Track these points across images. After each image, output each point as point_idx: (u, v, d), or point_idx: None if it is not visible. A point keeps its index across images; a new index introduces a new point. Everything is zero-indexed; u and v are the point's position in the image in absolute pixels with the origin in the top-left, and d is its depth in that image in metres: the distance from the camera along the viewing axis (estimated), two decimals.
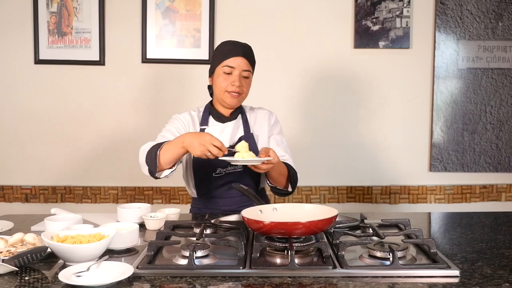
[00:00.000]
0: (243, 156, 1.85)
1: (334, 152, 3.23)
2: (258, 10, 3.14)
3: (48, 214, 1.93)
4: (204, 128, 2.20)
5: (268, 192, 2.40)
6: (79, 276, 1.30)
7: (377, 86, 3.22)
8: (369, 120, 3.23)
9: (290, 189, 2.18)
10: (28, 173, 3.19)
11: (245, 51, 2.16)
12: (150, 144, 2.05)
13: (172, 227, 1.86)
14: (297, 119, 3.20)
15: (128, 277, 1.31)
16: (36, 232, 1.66)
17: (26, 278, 1.35)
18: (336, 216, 1.57)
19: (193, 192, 2.29)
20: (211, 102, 2.28)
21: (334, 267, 1.39)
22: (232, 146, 1.99)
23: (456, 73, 3.21)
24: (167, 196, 3.21)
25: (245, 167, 2.11)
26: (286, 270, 1.37)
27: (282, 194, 2.19)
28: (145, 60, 3.14)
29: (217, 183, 2.18)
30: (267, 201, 2.31)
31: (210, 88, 2.27)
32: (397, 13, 3.15)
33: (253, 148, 2.17)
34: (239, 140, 2.17)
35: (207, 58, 3.11)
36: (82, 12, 3.10)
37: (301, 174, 3.19)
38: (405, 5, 3.14)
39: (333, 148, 3.23)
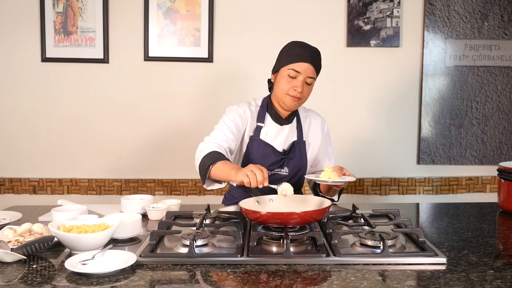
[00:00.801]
0: (330, 176, 1.82)
1: None
2: (255, 11, 3.13)
3: (55, 205, 1.93)
4: (261, 126, 2.11)
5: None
6: (84, 264, 1.30)
7: (368, 83, 3.21)
8: (361, 115, 3.23)
9: (336, 198, 2.16)
10: (36, 166, 3.19)
11: (313, 57, 2.02)
12: (208, 147, 1.94)
13: (173, 217, 1.86)
14: None
15: (131, 265, 1.31)
16: (43, 222, 1.66)
17: (34, 266, 1.35)
18: (329, 206, 1.58)
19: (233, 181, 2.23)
20: (269, 97, 2.18)
21: (327, 255, 1.39)
22: (294, 163, 2.04)
23: (443, 71, 3.21)
24: (169, 188, 3.21)
25: (290, 173, 2.09)
26: (282, 258, 1.37)
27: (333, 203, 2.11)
28: (147, 58, 3.13)
29: None
30: None
31: (270, 82, 2.17)
32: (388, 13, 3.14)
33: (303, 154, 2.14)
34: (292, 144, 2.11)
35: (206, 56, 3.10)
36: (87, 12, 3.09)
37: None
38: (395, 5, 3.13)
39: None
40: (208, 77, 3.15)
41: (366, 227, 1.62)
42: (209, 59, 3.12)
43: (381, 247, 1.41)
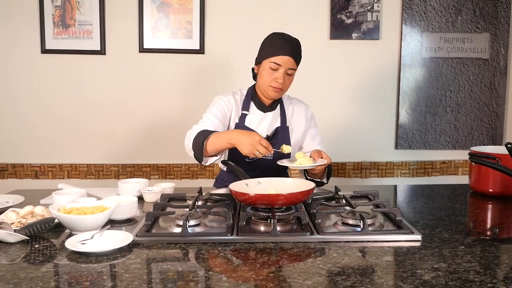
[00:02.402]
0: (301, 162, 1.82)
1: None
2: (243, 5, 3.10)
3: (56, 188, 1.91)
4: (246, 114, 2.12)
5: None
6: (84, 243, 1.30)
7: (350, 73, 3.21)
8: (342, 104, 3.24)
9: (325, 180, 2.15)
10: (37, 152, 3.16)
11: (293, 50, 2.02)
12: (197, 130, 1.95)
13: (168, 199, 1.86)
14: None
15: (128, 244, 1.31)
16: (44, 205, 1.65)
17: (36, 246, 1.34)
18: (313, 188, 1.58)
19: (224, 167, 2.24)
20: (253, 87, 2.18)
21: (312, 233, 1.40)
22: (278, 147, 1.99)
23: (420, 62, 3.21)
24: (163, 172, 3.20)
25: (275, 157, 2.07)
26: (269, 237, 1.38)
27: (318, 185, 2.10)
28: (142, 49, 3.10)
29: (247, 167, 2.03)
30: None
31: (253, 72, 2.16)
32: (369, 7, 3.13)
33: (286, 139, 2.14)
34: (276, 130, 2.12)
35: (198, 48, 3.08)
36: (84, 6, 3.04)
37: None
38: (375, 0, 3.12)
39: None
40: (199, 67, 3.13)
41: (347, 207, 1.63)
42: (201, 50, 3.10)
43: (361, 225, 1.42)
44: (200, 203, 1.74)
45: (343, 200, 1.73)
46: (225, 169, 2.26)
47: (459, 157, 3.32)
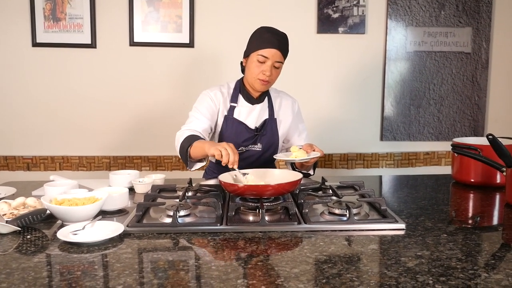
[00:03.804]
0: (296, 155, 1.82)
1: None
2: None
3: (48, 180, 1.90)
4: (234, 106, 2.10)
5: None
6: (75, 234, 1.29)
7: (336, 66, 3.21)
8: (329, 97, 3.24)
9: (312, 172, 2.15)
10: (29, 145, 3.12)
11: (281, 43, 2.00)
12: (184, 134, 1.95)
13: (158, 190, 1.85)
14: None
15: (119, 234, 1.30)
16: (36, 196, 1.63)
17: (28, 236, 1.33)
18: (300, 179, 1.59)
19: (213, 158, 2.21)
20: (241, 80, 2.17)
21: (299, 222, 1.40)
22: (266, 139, 2.02)
23: (404, 56, 3.22)
24: (154, 164, 3.18)
25: (263, 148, 2.09)
26: (258, 226, 1.38)
27: (304, 176, 2.10)
28: (132, 43, 3.06)
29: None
30: None
31: (242, 65, 2.14)
32: (355, 2, 3.12)
33: (274, 131, 2.14)
34: (264, 122, 2.12)
35: (187, 41, 3.05)
36: (75, 0, 3.00)
37: None
38: None
39: None
40: (189, 61, 3.11)
41: (334, 197, 1.64)
42: (190, 44, 3.08)
43: (347, 215, 1.42)
44: (190, 194, 1.74)
45: (330, 190, 1.73)
46: (214, 160, 2.26)
47: (442, 148, 3.34)
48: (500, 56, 3.29)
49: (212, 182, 1.94)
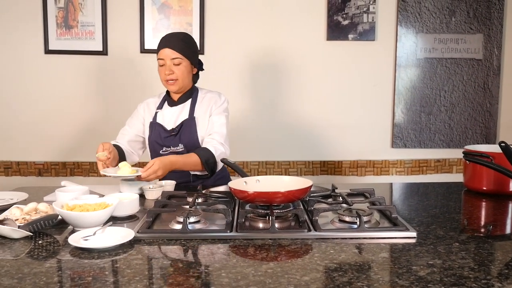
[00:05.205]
0: (122, 171, 1.86)
1: (310, 131, 3.24)
2: (242, 7, 3.10)
3: (59, 186, 1.91)
4: (157, 112, 2.23)
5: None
6: (86, 239, 1.29)
7: (346, 73, 3.21)
8: (339, 103, 3.23)
9: (207, 173, 2.10)
10: (41, 151, 3.15)
11: (171, 42, 2.10)
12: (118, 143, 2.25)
13: (168, 196, 1.85)
14: (280, 103, 3.18)
15: (130, 240, 1.31)
16: (48, 202, 1.64)
17: (40, 242, 1.34)
18: (310, 186, 1.58)
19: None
20: None
21: (309, 230, 1.39)
22: (178, 142, 2.13)
23: (415, 62, 3.21)
24: None
25: (185, 148, 2.13)
26: (268, 233, 1.38)
27: (204, 178, 2.17)
28: (143, 50, 3.09)
29: None
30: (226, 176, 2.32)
31: None
32: (364, 9, 3.12)
33: (193, 130, 2.15)
34: (181, 124, 2.15)
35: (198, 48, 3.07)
36: (87, 8, 3.04)
37: (281, 150, 3.21)
38: (371, 2, 3.12)
39: (310, 127, 3.23)
40: None
41: (344, 205, 1.62)
42: (200, 51, 3.09)
43: (358, 222, 1.41)
44: (200, 200, 1.74)
45: (340, 197, 1.72)
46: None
47: (454, 155, 3.32)
48: None
49: (222, 188, 1.94)
